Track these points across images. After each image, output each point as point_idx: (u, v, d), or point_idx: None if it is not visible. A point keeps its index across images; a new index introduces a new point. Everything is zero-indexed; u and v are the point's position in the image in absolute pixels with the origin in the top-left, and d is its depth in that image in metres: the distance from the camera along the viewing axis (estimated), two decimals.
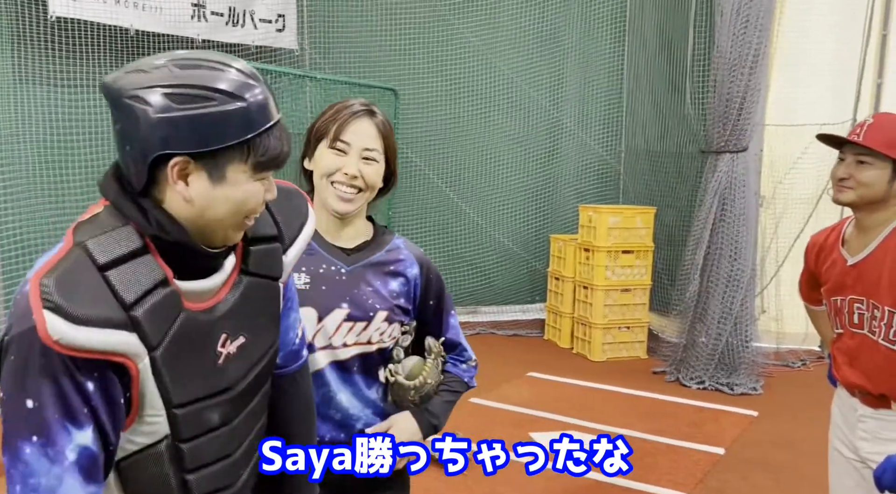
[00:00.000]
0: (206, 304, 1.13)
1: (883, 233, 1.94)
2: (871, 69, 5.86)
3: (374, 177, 1.54)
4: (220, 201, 1.07)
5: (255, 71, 1.09)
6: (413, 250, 1.67)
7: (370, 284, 1.58)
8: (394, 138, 1.61)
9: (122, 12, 4.54)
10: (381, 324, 1.57)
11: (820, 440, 4.17)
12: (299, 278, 1.55)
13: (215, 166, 1.05)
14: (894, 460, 1.73)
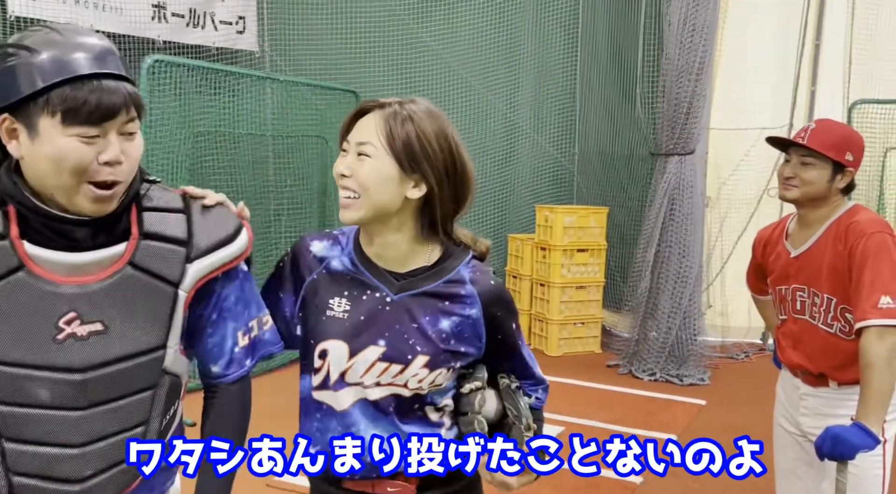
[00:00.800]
0: (66, 278, 1.13)
1: (822, 228, 2.15)
2: (805, 77, 6.22)
3: (367, 176, 1.28)
4: (40, 158, 1.09)
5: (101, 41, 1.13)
6: (480, 283, 1.39)
7: (416, 319, 1.34)
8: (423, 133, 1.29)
9: (81, 13, 4.51)
10: (419, 370, 1.34)
11: (764, 424, 4.46)
12: (339, 305, 1.36)
13: (28, 122, 1.08)
14: (832, 430, 1.92)
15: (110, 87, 1.09)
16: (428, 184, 1.30)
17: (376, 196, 1.28)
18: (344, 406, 1.36)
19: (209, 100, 4.97)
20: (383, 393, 1.35)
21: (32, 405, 1.14)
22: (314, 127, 5.92)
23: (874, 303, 1.93)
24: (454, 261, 1.38)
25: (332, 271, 1.38)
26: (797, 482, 2.36)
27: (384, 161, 1.27)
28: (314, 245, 1.42)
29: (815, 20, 6.16)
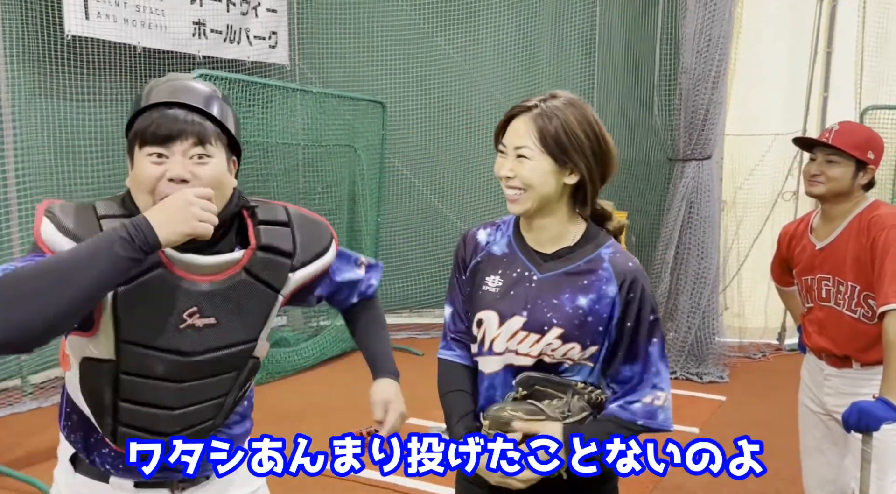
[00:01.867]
0: (195, 277, 1.32)
1: (845, 221, 2.34)
2: (817, 84, 6.41)
3: (529, 175, 1.44)
4: (133, 184, 1.31)
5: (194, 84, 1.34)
6: (618, 264, 1.48)
7: (557, 296, 1.47)
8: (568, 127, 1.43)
9: (130, 31, 4.76)
10: (553, 340, 1.45)
11: (782, 418, 4.66)
12: (493, 281, 1.52)
13: (131, 156, 1.32)
14: (858, 404, 2.11)
15: (177, 115, 1.26)
16: (579, 170, 1.46)
17: (539, 189, 1.45)
18: (490, 371, 1.52)
19: (247, 111, 5.21)
20: (526, 362, 1.48)
21: (149, 377, 1.35)
22: (344, 136, 6.16)
23: None
24: (596, 242, 1.51)
25: (492, 254, 1.58)
26: (822, 458, 2.53)
27: (541, 159, 1.44)
28: (479, 234, 1.62)
29: (826, 28, 6.35)
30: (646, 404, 1.48)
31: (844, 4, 6.29)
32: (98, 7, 4.54)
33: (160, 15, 4.97)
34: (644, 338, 1.47)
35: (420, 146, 6.65)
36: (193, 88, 1.33)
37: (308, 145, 6.11)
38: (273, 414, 4.66)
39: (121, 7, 4.71)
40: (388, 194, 6.64)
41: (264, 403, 4.84)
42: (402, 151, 6.69)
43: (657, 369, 1.49)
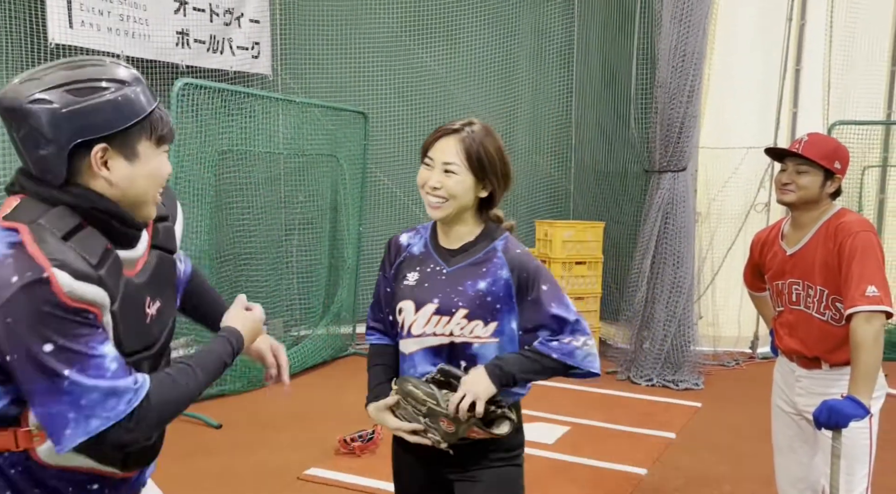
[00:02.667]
0: (133, 270, 1.32)
1: (814, 228, 2.45)
2: (787, 100, 6.61)
3: (454, 187, 1.73)
4: (139, 177, 1.25)
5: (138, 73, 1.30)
6: (509, 252, 1.78)
7: (462, 284, 1.76)
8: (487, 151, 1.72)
9: (113, 40, 4.78)
10: (461, 320, 1.74)
11: (755, 423, 4.79)
12: (412, 276, 1.82)
13: (128, 146, 1.23)
14: (828, 402, 2.21)
15: (164, 110, 1.33)
16: (492, 186, 1.79)
17: (461, 200, 1.76)
18: (409, 351, 1.81)
19: (231, 121, 5.24)
20: (435, 342, 1.77)
21: None
22: (326, 146, 6.21)
23: (862, 292, 2.22)
24: (491, 236, 1.82)
25: (412, 254, 1.88)
26: (793, 456, 2.63)
27: (465, 175, 1.74)
28: (402, 238, 1.93)
29: (795, 46, 6.57)
30: (563, 342, 1.73)
31: (812, 25, 6.52)
32: (82, 16, 4.56)
33: (144, 24, 5.00)
34: (548, 304, 1.74)
35: (401, 156, 6.73)
36: None
37: (290, 155, 6.15)
38: (255, 422, 4.68)
39: (104, 16, 4.73)
40: (370, 203, 6.69)
41: (246, 410, 4.88)
42: (384, 160, 6.75)
43: (571, 324, 1.74)
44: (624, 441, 4.46)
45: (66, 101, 1.17)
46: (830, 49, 6.34)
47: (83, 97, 1.18)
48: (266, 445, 4.28)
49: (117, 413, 1.19)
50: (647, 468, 4.04)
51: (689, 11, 5.49)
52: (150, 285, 1.36)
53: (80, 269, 1.17)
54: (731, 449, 4.35)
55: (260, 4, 6.04)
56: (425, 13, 6.81)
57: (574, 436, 4.53)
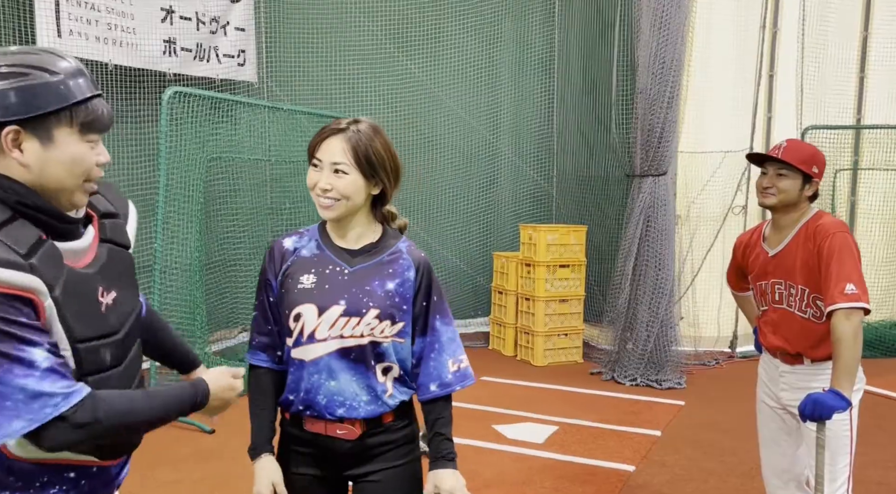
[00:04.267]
0: (81, 262, 1.36)
1: (794, 230, 2.57)
2: (762, 105, 6.81)
3: (345, 188, 1.70)
4: (52, 162, 1.26)
5: (78, 64, 1.33)
6: (414, 254, 1.81)
7: (369, 283, 1.74)
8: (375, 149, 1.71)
9: (102, 49, 4.80)
10: (372, 320, 1.72)
11: (736, 420, 4.94)
12: (308, 279, 1.74)
13: (44, 131, 1.25)
14: (812, 396, 2.32)
15: (106, 105, 1.35)
16: (382, 183, 1.76)
17: (353, 199, 1.72)
18: (312, 357, 1.74)
19: (219, 128, 5.28)
20: (344, 344, 1.73)
21: (102, 369, 1.38)
22: None
23: (841, 290, 2.34)
24: (393, 239, 1.82)
25: (302, 257, 1.79)
26: (777, 449, 2.74)
27: (355, 175, 1.71)
28: (286, 241, 1.83)
29: (768, 54, 6.77)
30: (453, 371, 1.80)
31: (785, 33, 6.73)
32: (70, 25, 4.58)
33: (131, 33, 5.03)
34: (432, 314, 1.79)
35: None
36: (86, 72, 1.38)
37: (277, 162, 6.20)
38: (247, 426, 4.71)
39: (93, 25, 4.75)
40: None
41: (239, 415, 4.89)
42: None
43: (448, 337, 1.81)
44: (611, 440, 4.57)
45: None
46: (802, 57, 6.55)
47: (3, 81, 1.23)
48: None
49: (43, 416, 1.20)
50: (635, 465, 4.15)
51: (668, 20, 5.65)
52: (102, 276, 1.40)
53: (7, 258, 1.21)
54: (715, 446, 4.48)
55: (245, 13, 6.10)
56: (409, 22, 6.90)
57: (563, 435, 4.63)
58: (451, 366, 1.80)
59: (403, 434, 1.83)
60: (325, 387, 1.73)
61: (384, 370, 1.78)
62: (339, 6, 6.67)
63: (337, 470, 1.83)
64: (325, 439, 1.78)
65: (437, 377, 1.79)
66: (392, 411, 1.80)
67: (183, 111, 4.79)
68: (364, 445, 1.79)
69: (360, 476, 1.82)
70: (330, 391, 1.73)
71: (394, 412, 1.80)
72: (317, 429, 1.78)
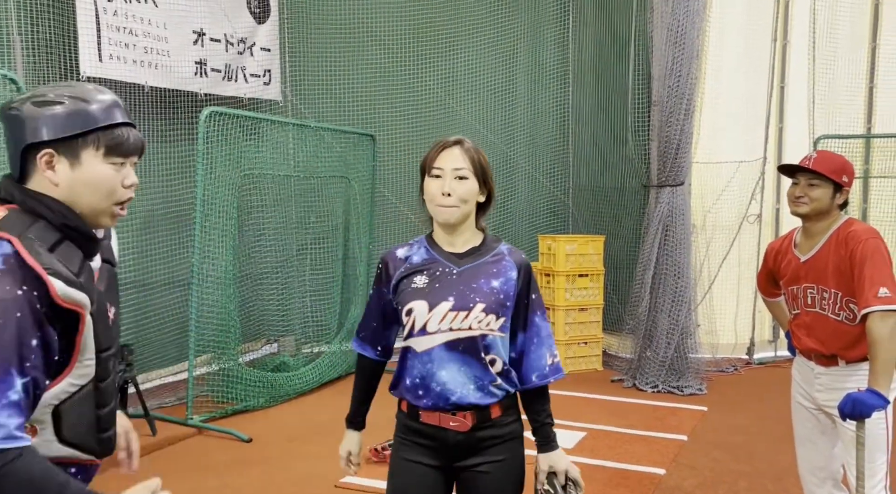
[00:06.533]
0: (95, 281, 1.49)
1: (825, 237, 2.69)
2: (774, 115, 6.96)
3: (466, 192, 1.91)
4: (79, 183, 1.39)
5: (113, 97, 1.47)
6: (515, 256, 2.01)
7: (476, 281, 1.94)
8: (484, 159, 1.96)
9: (139, 71, 4.96)
10: (479, 314, 1.91)
11: (761, 424, 5.04)
12: (420, 280, 1.95)
13: (73, 154, 1.39)
14: (852, 395, 2.43)
15: (137, 132, 1.49)
16: (487, 191, 1.99)
17: (470, 204, 1.95)
18: (423, 349, 1.93)
19: (250, 145, 5.44)
20: (453, 336, 1.91)
21: (108, 377, 1.53)
22: (337, 168, 6.42)
23: (875, 293, 2.46)
24: (494, 243, 2.02)
25: (413, 263, 2.01)
26: (813, 447, 2.85)
27: (473, 182, 1.94)
28: (398, 252, 2.06)
29: (779, 65, 6.93)
30: (550, 364, 2.00)
31: (795, 45, 6.88)
32: (110, 50, 4.74)
33: (166, 56, 5.19)
34: (532, 311, 1.99)
35: (408, 176, 6.94)
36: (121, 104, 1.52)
37: (303, 177, 6.35)
38: (282, 435, 4.83)
39: (130, 49, 4.91)
40: (379, 220, 6.90)
41: (271, 424, 5.03)
42: (391, 180, 6.97)
43: (547, 332, 2.00)
44: (639, 444, 4.68)
45: (29, 110, 1.39)
46: (814, 68, 6.69)
47: (42, 108, 1.39)
48: (297, 456, 4.43)
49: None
50: (665, 468, 4.26)
51: (682, 35, 5.81)
52: (107, 293, 1.54)
53: (69, 276, 1.35)
54: (742, 448, 4.59)
55: (271, 34, 6.27)
56: (426, 39, 7.07)
57: (591, 441, 4.74)
58: (548, 359, 1.99)
59: (510, 429, 1.98)
60: (437, 376, 1.91)
61: (491, 361, 1.94)
62: (358, 26, 6.85)
63: (449, 460, 1.99)
64: (439, 430, 1.95)
65: (537, 369, 1.98)
66: (499, 404, 1.95)
67: (217, 130, 4.94)
68: (474, 437, 1.95)
69: (469, 467, 1.98)
70: (442, 379, 1.91)
71: (500, 406, 1.95)
72: (432, 421, 1.96)
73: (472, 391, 1.91)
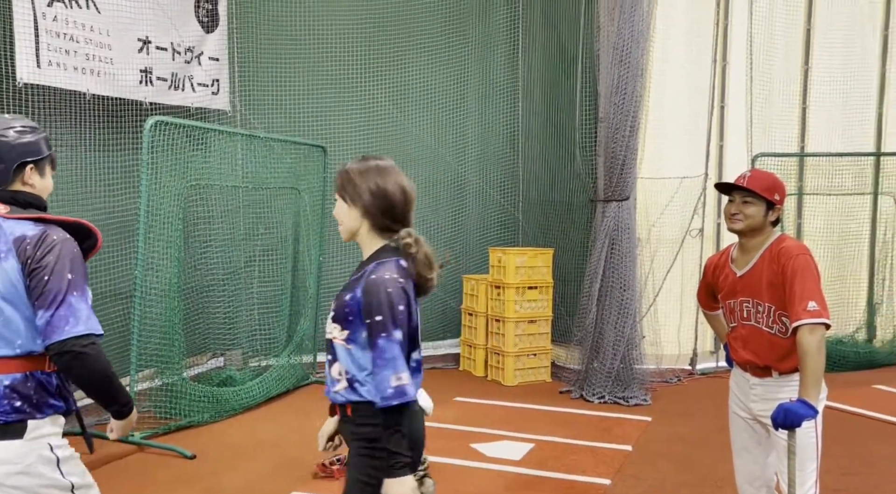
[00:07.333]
0: None
1: (759, 252, 2.80)
2: (715, 134, 7.21)
3: (336, 214, 2.12)
4: (48, 188, 2.09)
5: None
6: (367, 275, 2.00)
7: (340, 292, 2.09)
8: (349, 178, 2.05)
9: (80, 79, 4.84)
10: (330, 321, 2.07)
11: (700, 433, 5.17)
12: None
13: (41, 168, 2.07)
14: (784, 405, 2.53)
15: None
16: (360, 208, 2.05)
17: (346, 223, 2.09)
18: None
19: (198, 155, 5.35)
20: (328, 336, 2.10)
21: None
22: (287, 179, 6.36)
23: (804, 307, 2.57)
24: (370, 262, 2.05)
25: None
26: (749, 456, 2.94)
27: (340, 202, 2.10)
28: None
29: (720, 85, 7.18)
30: (392, 386, 1.91)
31: (734, 66, 7.16)
32: (49, 56, 4.61)
33: (109, 63, 5.07)
34: (376, 333, 1.94)
35: None
36: None
37: (251, 188, 6.27)
38: (227, 450, 4.73)
39: (71, 55, 4.79)
40: (330, 233, 6.85)
41: (217, 440, 4.94)
42: None
43: (392, 355, 1.92)
44: (585, 455, 4.75)
45: (14, 136, 2.02)
46: (751, 89, 6.97)
47: (25, 135, 2.03)
48: (243, 472, 4.35)
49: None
50: (611, 478, 4.33)
51: (627, 55, 5.97)
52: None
53: None
54: (685, 458, 4.70)
55: (219, 43, 6.19)
56: (378, 52, 7.10)
57: (539, 452, 4.79)
58: (392, 381, 1.91)
59: (363, 431, 2.03)
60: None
61: (337, 367, 2.07)
62: (309, 37, 6.82)
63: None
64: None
65: (380, 391, 1.92)
66: (350, 404, 2.04)
67: (163, 140, 4.85)
68: (344, 427, 2.14)
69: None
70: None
71: (352, 408, 2.04)
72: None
73: (330, 385, 2.09)
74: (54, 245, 1.91)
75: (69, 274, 1.89)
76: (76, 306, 1.88)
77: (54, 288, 1.85)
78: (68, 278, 1.89)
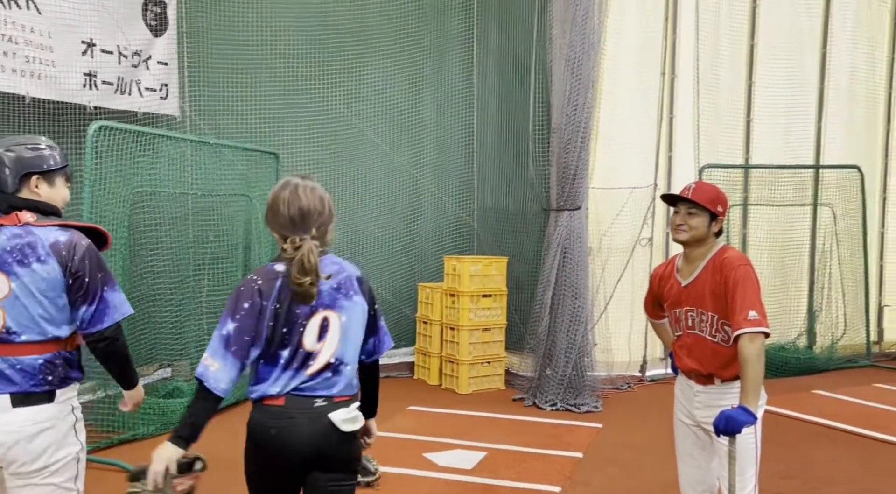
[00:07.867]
0: None
1: (703, 263, 2.87)
2: (664, 145, 7.37)
3: None
4: (57, 197, 2.36)
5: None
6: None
7: None
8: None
9: (18, 81, 4.69)
10: None
11: (649, 439, 5.24)
12: None
13: (51, 180, 2.34)
14: (725, 412, 2.59)
15: None
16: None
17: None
18: None
19: (144, 162, 5.22)
20: None
21: None
22: (238, 186, 6.26)
23: (745, 316, 2.64)
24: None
25: None
26: (693, 462, 3.01)
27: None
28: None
29: (668, 97, 7.36)
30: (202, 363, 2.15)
31: (682, 79, 7.34)
32: None
33: (51, 66, 4.93)
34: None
35: None
36: None
37: (200, 194, 6.15)
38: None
39: (9, 57, 4.64)
40: None
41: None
42: None
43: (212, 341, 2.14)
44: (537, 462, 4.78)
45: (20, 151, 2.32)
46: (698, 102, 7.16)
47: (32, 151, 2.33)
48: None
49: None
50: (561, 485, 4.37)
51: (579, 66, 6.07)
52: None
53: None
54: (633, 464, 4.77)
55: (168, 47, 6.07)
56: (332, 58, 7.05)
57: (491, 460, 4.80)
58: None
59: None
60: None
61: None
62: (261, 42, 6.73)
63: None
64: None
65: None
66: None
67: (107, 145, 4.73)
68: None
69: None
70: None
71: None
72: None
73: None
74: (83, 250, 2.29)
75: (99, 273, 2.31)
76: (109, 299, 2.32)
77: (93, 287, 2.28)
78: (100, 277, 2.30)
